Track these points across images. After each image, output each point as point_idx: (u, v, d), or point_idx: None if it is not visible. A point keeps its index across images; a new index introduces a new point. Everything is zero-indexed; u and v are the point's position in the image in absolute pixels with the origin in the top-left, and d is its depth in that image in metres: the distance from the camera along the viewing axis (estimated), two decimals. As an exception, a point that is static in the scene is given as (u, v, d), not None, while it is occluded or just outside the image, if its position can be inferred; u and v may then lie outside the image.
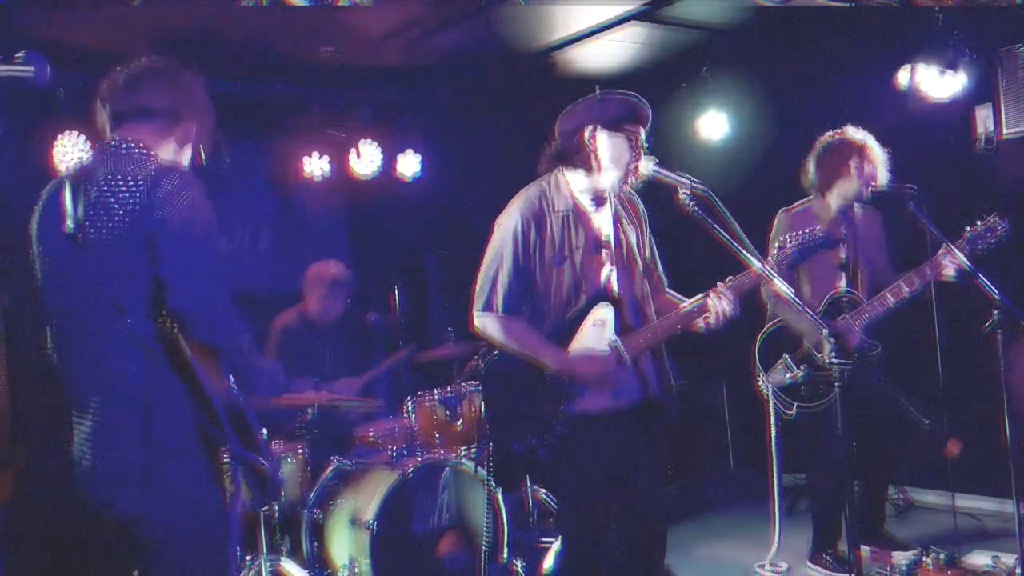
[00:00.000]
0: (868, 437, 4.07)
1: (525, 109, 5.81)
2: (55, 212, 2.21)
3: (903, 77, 4.74)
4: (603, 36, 5.24)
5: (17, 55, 1.87)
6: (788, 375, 3.98)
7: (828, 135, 4.26)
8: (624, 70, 5.82)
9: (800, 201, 4.32)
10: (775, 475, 4.01)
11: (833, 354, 2.60)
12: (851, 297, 4.09)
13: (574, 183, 3.03)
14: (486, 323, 3.02)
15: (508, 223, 3.01)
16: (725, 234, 2.74)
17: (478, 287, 3.04)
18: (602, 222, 3.05)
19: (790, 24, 5.11)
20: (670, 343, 3.09)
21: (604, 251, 3.02)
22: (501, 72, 5.71)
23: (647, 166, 2.92)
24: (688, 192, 2.80)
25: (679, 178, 2.85)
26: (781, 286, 2.74)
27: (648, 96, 3.04)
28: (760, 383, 4.11)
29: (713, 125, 5.80)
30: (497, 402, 3.04)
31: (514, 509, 4.58)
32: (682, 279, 3.36)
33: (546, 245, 2.97)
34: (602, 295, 2.97)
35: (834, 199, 4.21)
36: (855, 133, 4.19)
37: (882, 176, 4.12)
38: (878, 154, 4.14)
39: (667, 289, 3.19)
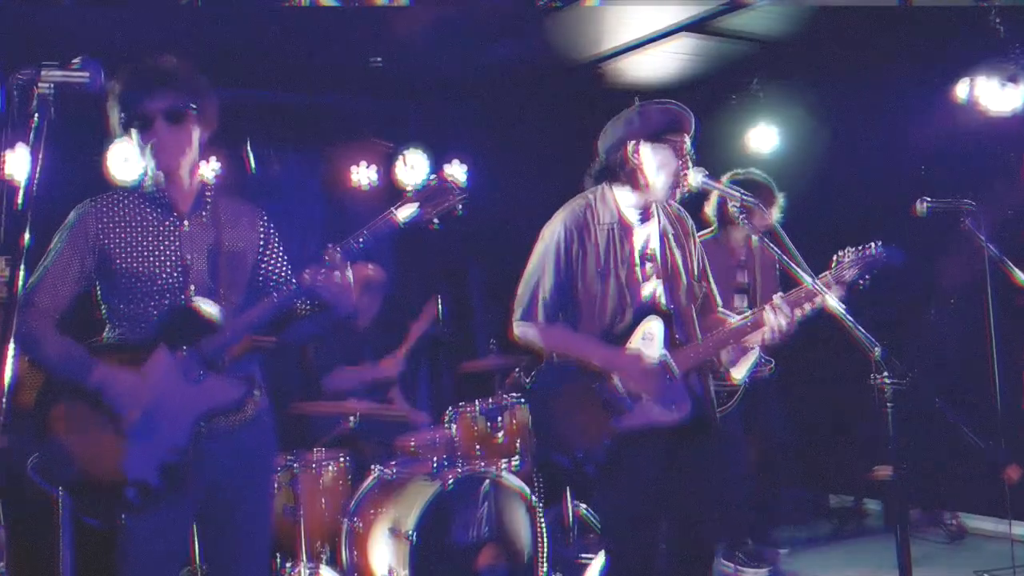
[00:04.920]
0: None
1: (573, 120, 5.78)
2: None
3: (962, 90, 4.62)
4: (653, 47, 5.20)
5: (73, 61, 1.89)
6: None
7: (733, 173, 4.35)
8: (673, 82, 5.77)
9: (703, 231, 4.27)
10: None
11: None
12: None
13: (621, 199, 3.00)
14: (526, 331, 2.99)
15: (552, 233, 2.99)
16: (775, 247, 2.68)
17: (519, 296, 3.02)
18: (648, 236, 3.01)
19: (842, 36, 5.01)
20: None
21: (650, 264, 2.98)
22: (549, 83, 5.70)
23: (696, 178, 2.88)
24: (738, 205, 2.77)
25: (729, 190, 2.81)
26: (831, 301, 2.69)
27: (697, 108, 3.00)
28: None
29: (763, 138, 5.73)
30: (544, 415, 3.00)
31: (554, 524, 4.53)
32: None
33: (589, 257, 2.94)
34: (650, 309, 2.93)
35: (735, 231, 4.39)
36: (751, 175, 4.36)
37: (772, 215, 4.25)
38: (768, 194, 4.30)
39: (720, 308, 3.14)
